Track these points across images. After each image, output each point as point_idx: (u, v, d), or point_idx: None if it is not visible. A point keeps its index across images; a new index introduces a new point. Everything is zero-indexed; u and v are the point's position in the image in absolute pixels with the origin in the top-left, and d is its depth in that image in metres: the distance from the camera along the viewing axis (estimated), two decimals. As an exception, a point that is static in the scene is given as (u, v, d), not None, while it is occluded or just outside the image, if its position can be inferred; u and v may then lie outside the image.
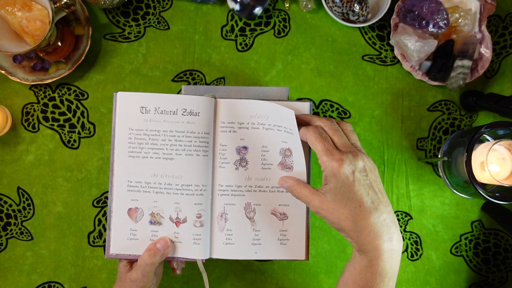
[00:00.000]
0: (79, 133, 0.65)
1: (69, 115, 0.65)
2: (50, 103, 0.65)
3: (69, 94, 0.65)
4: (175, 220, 0.51)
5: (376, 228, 0.42)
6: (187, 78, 0.66)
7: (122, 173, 0.51)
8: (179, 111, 0.51)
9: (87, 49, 0.63)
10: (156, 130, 0.51)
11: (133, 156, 0.51)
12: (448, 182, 0.65)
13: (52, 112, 0.65)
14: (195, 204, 0.51)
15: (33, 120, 0.64)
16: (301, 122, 0.50)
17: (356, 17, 0.65)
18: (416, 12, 0.62)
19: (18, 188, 0.64)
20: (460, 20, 0.64)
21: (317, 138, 0.45)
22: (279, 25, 0.67)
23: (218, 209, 0.53)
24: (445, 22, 0.62)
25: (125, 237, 0.51)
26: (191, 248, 0.51)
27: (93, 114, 0.65)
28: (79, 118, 0.65)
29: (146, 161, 0.51)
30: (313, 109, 0.66)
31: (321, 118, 0.49)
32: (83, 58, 0.63)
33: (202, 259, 0.52)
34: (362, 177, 0.44)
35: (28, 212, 0.64)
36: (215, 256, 0.52)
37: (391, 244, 0.43)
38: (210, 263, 0.65)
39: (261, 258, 0.52)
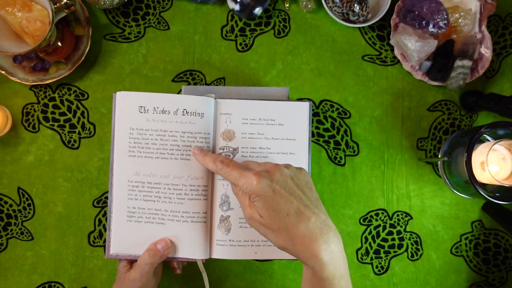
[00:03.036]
0: (79, 133, 0.65)
1: (69, 115, 0.65)
2: (50, 104, 0.65)
3: (69, 95, 0.65)
4: (175, 220, 0.51)
5: (309, 234, 0.42)
6: (187, 78, 0.66)
7: (122, 173, 0.51)
8: (179, 111, 0.51)
9: (87, 50, 0.63)
10: (156, 130, 0.51)
11: (133, 156, 0.51)
12: (448, 182, 0.65)
13: (53, 113, 0.65)
14: (195, 204, 0.51)
15: (33, 120, 0.65)
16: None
17: (356, 17, 0.65)
18: (416, 12, 0.62)
19: (19, 188, 0.64)
20: (460, 20, 0.64)
21: (230, 168, 0.46)
22: (279, 25, 0.67)
23: (218, 209, 0.53)
24: (445, 22, 0.62)
25: (125, 237, 0.51)
26: (191, 248, 0.51)
27: (93, 115, 0.65)
28: (79, 118, 0.65)
29: (146, 161, 0.51)
30: (312, 109, 0.67)
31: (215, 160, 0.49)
32: (83, 58, 0.63)
33: (202, 259, 0.52)
34: (281, 188, 0.44)
35: (29, 212, 0.64)
36: (215, 256, 0.52)
37: (328, 246, 0.42)
38: (210, 263, 0.65)
39: (261, 258, 0.52)
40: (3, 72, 0.62)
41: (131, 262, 0.52)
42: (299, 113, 0.54)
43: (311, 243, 0.42)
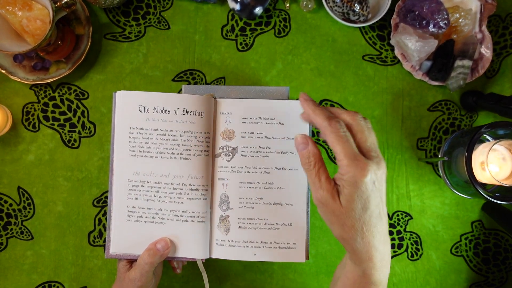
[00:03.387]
0: (79, 132, 0.65)
1: (70, 115, 0.65)
2: (51, 103, 0.65)
3: (70, 94, 0.65)
4: (175, 220, 0.51)
5: (375, 238, 0.40)
6: (188, 78, 0.66)
7: (122, 172, 0.51)
8: (179, 110, 0.51)
9: (87, 49, 0.63)
10: (156, 129, 0.51)
11: (133, 155, 0.51)
12: (448, 182, 0.65)
13: (53, 112, 0.65)
14: (195, 204, 0.51)
15: (33, 119, 0.65)
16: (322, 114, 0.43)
17: (356, 17, 0.65)
18: (417, 12, 0.62)
19: (19, 187, 0.64)
20: (460, 20, 0.64)
21: (339, 137, 0.39)
22: (280, 25, 0.67)
23: (218, 209, 0.53)
24: (446, 22, 0.62)
25: (125, 237, 0.51)
26: (191, 248, 0.51)
27: (94, 114, 0.65)
28: (79, 117, 0.65)
29: (146, 160, 0.51)
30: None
31: (345, 111, 0.43)
32: (83, 57, 0.63)
33: (202, 259, 0.52)
34: (378, 187, 0.40)
35: (29, 212, 0.64)
36: (215, 256, 0.52)
37: (384, 251, 0.41)
38: (210, 263, 0.65)
39: (260, 260, 0.52)
40: (3, 71, 0.62)
41: (131, 261, 0.52)
42: (299, 112, 0.55)
43: (376, 246, 0.40)
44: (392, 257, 0.67)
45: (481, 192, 0.56)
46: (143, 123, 0.51)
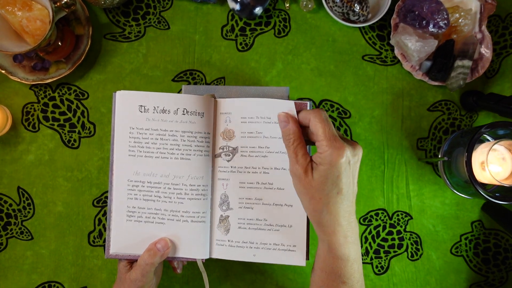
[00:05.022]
0: (79, 132, 0.65)
1: (69, 115, 0.65)
2: (50, 103, 0.65)
3: (69, 94, 0.65)
4: (175, 220, 0.51)
5: (342, 213, 0.44)
6: (187, 78, 0.66)
7: (122, 172, 0.51)
8: (179, 110, 0.51)
9: (87, 49, 0.63)
10: (156, 129, 0.51)
11: (133, 155, 0.51)
12: (448, 182, 0.65)
13: (52, 112, 0.65)
14: (195, 204, 0.51)
15: (33, 119, 0.65)
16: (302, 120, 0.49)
17: (356, 17, 0.65)
18: (416, 12, 0.62)
19: (18, 187, 0.64)
20: (460, 20, 0.64)
21: (321, 120, 0.44)
22: (280, 25, 0.67)
23: (218, 209, 0.53)
24: (445, 22, 0.62)
25: (125, 237, 0.51)
26: (191, 248, 0.51)
27: (93, 114, 0.65)
28: (79, 117, 0.65)
29: (146, 160, 0.51)
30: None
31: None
32: (83, 57, 0.63)
33: (202, 259, 0.52)
34: (352, 168, 0.44)
35: (28, 212, 0.64)
36: (215, 256, 0.52)
37: (347, 228, 0.44)
38: (210, 263, 0.65)
39: (259, 261, 0.52)
40: (3, 71, 0.62)
41: (131, 262, 0.52)
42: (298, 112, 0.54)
43: (335, 222, 0.43)
44: (392, 257, 0.67)
45: (481, 192, 0.56)
46: (143, 123, 0.51)
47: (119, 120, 0.51)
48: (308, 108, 0.53)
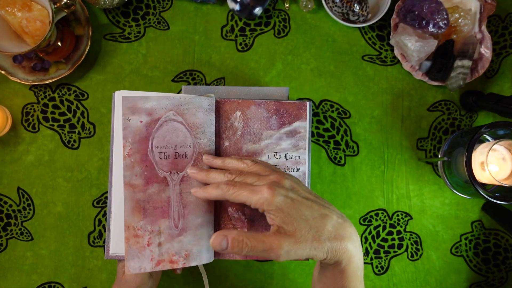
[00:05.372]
0: (79, 133, 0.65)
1: (69, 115, 0.65)
2: (50, 103, 0.65)
3: (69, 95, 0.65)
4: (182, 226, 0.51)
5: (335, 232, 0.41)
6: (187, 78, 0.66)
7: (121, 172, 0.51)
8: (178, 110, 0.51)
9: (87, 49, 0.63)
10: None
11: None
12: (448, 182, 0.65)
13: (52, 113, 0.65)
14: (206, 205, 0.51)
15: (33, 120, 0.64)
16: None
17: (356, 17, 0.65)
18: (416, 12, 0.62)
19: (18, 188, 0.64)
20: (460, 20, 0.64)
21: (232, 192, 0.43)
22: (279, 25, 0.67)
23: (217, 209, 0.53)
24: (445, 22, 0.62)
25: (132, 251, 0.51)
26: (204, 254, 0.50)
27: (93, 114, 0.65)
28: (79, 118, 0.65)
29: None
30: (312, 109, 0.67)
31: (218, 178, 0.46)
32: (83, 58, 0.63)
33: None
34: (296, 195, 0.42)
35: (28, 213, 0.64)
36: (217, 257, 0.52)
37: (351, 238, 0.42)
38: (210, 263, 0.65)
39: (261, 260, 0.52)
40: (3, 72, 0.62)
41: None
42: (298, 112, 0.54)
43: (342, 240, 0.41)
44: (392, 257, 0.67)
45: (481, 192, 0.56)
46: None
47: (119, 120, 0.51)
48: (308, 108, 0.53)
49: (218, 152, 0.53)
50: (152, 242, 0.47)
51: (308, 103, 0.54)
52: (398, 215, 0.67)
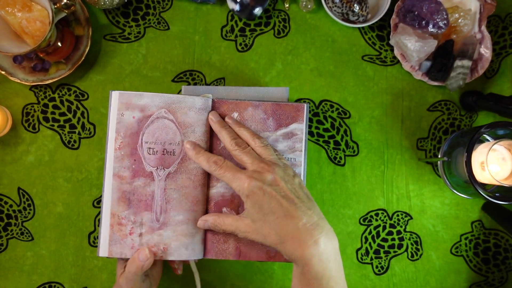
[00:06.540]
0: (79, 133, 0.65)
1: (69, 116, 0.65)
2: (50, 104, 0.65)
3: (69, 95, 0.65)
4: (163, 221, 0.51)
5: (298, 235, 0.43)
6: (187, 78, 0.66)
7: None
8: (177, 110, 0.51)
9: (87, 50, 0.63)
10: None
11: None
12: (448, 182, 0.65)
13: (52, 113, 0.65)
14: (190, 203, 0.51)
15: (33, 120, 0.65)
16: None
17: (356, 17, 0.65)
18: (416, 12, 0.62)
19: (19, 188, 0.64)
20: (460, 20, 0.64)
21: (217, 173, 0.48)
22: (279, 26, 0.67)
23: (213, 208, 0.53)
24: (445, 22, 0.62)
25: (114, 237, 0.50)
26: (182, 250, 0.50)
27: (93, 115, 0.65)
28: (79, 118, 0.65)
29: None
30: (312, 109, 0.67)
31: (226, 138, 0.50)
32: (83, 58, 0.63)
33: (195, 259, 0.52)
34: (272, 190, 0.45)
35: (29, 213, 0.64)
36: (209, 256, 0.52)
37: (318, 247, 0.42)
38: (210, 263, 0.65)
39: (257, 260, 0.52)
40: (3, 72, 0.62)
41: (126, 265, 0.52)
42: (297, 112, 0.54)
43: (300, 244, 0.43)
44: (392, 257, 0.67)
45: (481, 192, 0.56)
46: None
47: (114, 116, 0.51)
48: (305, 110, 0.53)
49: (214, 152, 0.53)
50: (134, 232, 0.49)
51: (305, 105, 0.54)
52: (398, 215, 0.67)
